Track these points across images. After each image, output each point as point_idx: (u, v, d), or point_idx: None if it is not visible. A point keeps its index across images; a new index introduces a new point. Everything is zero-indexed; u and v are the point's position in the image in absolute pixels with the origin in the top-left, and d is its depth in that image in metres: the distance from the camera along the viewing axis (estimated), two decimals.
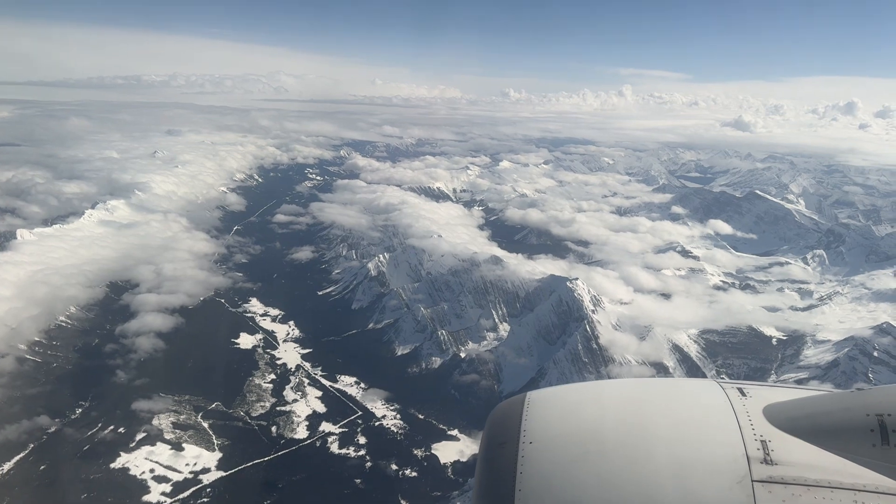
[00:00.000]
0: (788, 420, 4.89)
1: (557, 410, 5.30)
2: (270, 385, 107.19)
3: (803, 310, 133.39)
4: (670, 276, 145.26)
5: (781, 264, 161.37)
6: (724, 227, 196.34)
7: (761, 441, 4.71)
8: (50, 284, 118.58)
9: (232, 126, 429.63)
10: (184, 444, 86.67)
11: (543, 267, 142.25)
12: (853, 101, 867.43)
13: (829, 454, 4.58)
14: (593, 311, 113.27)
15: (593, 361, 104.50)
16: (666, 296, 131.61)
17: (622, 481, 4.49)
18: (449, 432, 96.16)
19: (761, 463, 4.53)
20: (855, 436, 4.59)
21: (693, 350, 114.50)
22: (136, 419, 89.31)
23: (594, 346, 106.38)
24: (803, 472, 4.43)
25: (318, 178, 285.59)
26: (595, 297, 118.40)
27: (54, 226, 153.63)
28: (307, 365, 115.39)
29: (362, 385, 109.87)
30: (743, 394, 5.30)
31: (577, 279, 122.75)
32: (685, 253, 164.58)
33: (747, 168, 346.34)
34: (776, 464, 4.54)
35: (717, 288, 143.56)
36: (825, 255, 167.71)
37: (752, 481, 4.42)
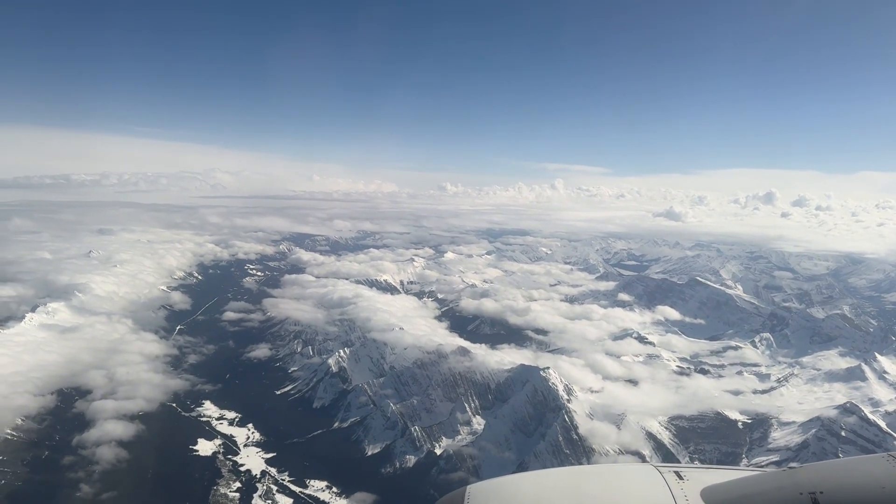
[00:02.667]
0: (726, 502, 4.94)
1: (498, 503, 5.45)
2: (237, 494, 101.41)
3: (763, 392, 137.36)
4: (631, 362, 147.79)
5: (734, 348, 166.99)
6: (673, 313, 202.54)
7: None
8: None
9: (178, 223, 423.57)
10: None
11: (510, 357, 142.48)
12: (772, 191, 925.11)
13: None
14: (568, 401, 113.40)
15: (574, 452, 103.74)
16: (633, 382, 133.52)
17: None
18: None
19: None
20: None
21: (666, 437, 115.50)
22: None
23: (574, 436, 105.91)
24: None
25: (260, 273, 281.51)
26: (567, 385, 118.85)
27: None
28: (272, 470, 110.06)
29: (334, 489, 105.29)
30: (680, 477, 5.39)
31: (548, 368, 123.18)
32: (641, 339, 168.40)
33: (678, 256, 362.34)
34: None
35: (679, 373, 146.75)
36: (772, 338, 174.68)
37: None
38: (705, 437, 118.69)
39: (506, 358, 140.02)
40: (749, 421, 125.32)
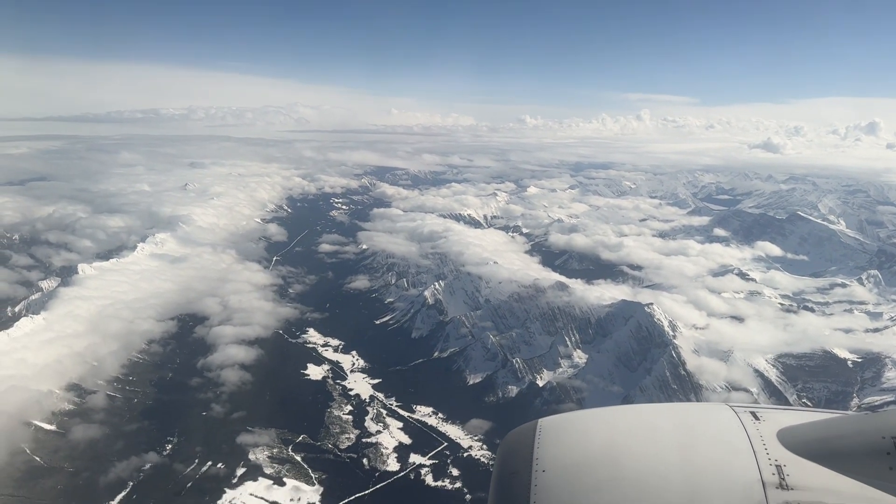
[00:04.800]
0: (803, 444, 4.75)
1: (570, 438, 5.19)
2: (350, 417, 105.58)
3: (875, 331, 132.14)
4: (734, 299, 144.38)
5: (841, 285, 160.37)
6: (774, 249, 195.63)
7: (776, 465, 4.57)
8: (122, 319, 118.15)
9: (275, 157, 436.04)
10: (284, 479, 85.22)
11: (609, 292, 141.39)
12: (875, 121, 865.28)
13: (844, 478, 4.44)
14: (674, 337, 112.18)
15: (682, 388, 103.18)
16: (739, 319, 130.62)
17: None
18: None
19: (777, 488, 4.38)
20: (870, 459, 4.47)
21: (773, 375, 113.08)
22: (234, 454, 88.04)
23: (682, 372, 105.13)
24: (819, 497, 4.28)
25: (345, 207, 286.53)
26: (672, 321, 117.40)
27: (111, 260, 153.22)
28: (380, 395, 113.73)
29: (440, 415, 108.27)
30: (756, 418, 5.16)
31: (652, 304, 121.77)
32: (743, 275, 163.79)
33: (771, 190, 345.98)
34: (792, 488, 4.39)
35: (786, 310, 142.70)
36: (880, 275, 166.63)
37: None
38: (814, 376, 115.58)
39: (605, 293, 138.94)
40: (860, 360, 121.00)
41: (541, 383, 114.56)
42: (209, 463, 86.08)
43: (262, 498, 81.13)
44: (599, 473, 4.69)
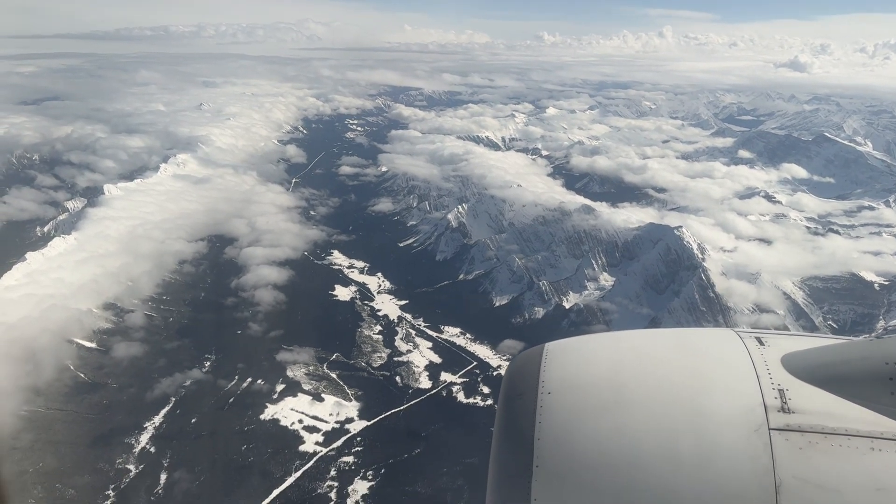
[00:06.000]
0: (806, 369, 4.77)
1: (576, 361, 5.19)
2: (380, 336, 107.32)
3: None
4: (762, 221, 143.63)
5: (869, 208, 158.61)
6: (800, 171, 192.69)
7: (779, 390, 4.62)
8: (153, 239, 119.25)
9: (292, 77, 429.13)
10: (322, 395, 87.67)
11: (636, 215, 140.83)
12: None
13: (846, 402, 4.51)
14: (703, 260, 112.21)
15: (710, 310, 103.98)
16: (767, 242, 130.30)
17: (640, 430, 4.48)
18: None
19: (778, 411, 4.45)
20: (872, 384, 4.53)
21: (799, 297, 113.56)
22: (274, 371, 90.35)
23: (711, 294, 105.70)
24: (820, 420, 4.37)
25: (360, 128, 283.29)
26: (700, 244, 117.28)
27: (135, 181, 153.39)
28: (408, 316, 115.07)
29: (468, 335, 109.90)
30: (761, 343, 5.17)
31: (681, 227, 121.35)
32: (769, 198, 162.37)
33: (794, 110, 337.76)
34: (793, 412, 4.46)
35: (814, 233, 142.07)
36: None
37: (770, 429, 4.37)
38: (840, 298, 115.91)
39: (632, 217, 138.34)
40: (887, 283, 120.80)
41: (567, 305, 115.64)
42: (249, 379, 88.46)
43: (303, 412, 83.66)
44: (604, 395, 4.74)
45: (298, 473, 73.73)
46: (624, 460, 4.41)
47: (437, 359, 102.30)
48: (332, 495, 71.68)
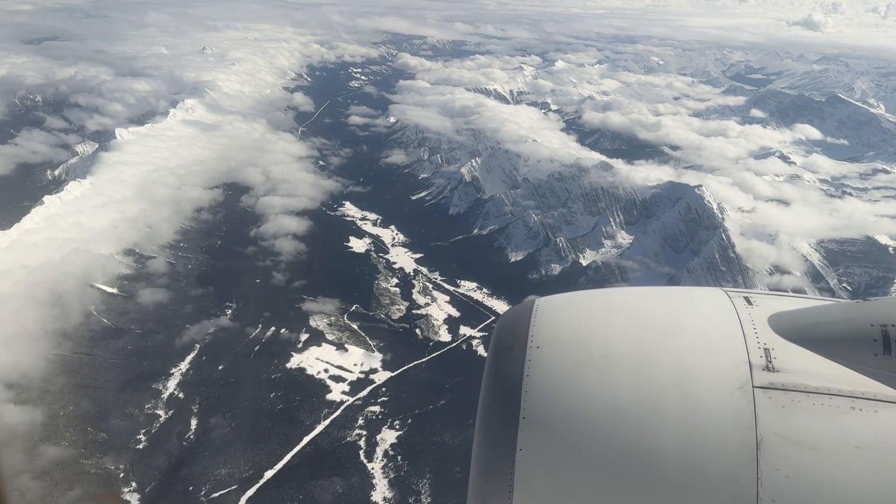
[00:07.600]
0: (792, 329, 4.85)
1: (565, 316, 5.24)
2: (398, 289, 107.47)
3: None
4: (778, 182, 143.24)
5: (885, 171, 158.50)
6: (813, 132, 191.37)
7: (764, 349, 4.71)
8: (169, 185, 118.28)
9: (301, 21, 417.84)
10: (346, 345, 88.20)
11: (654, 173, 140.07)
12: None
13: (830, 362, 4.59)
14: (723, 219, 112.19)
15: (730, 270, 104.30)
16: (784, 203, 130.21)
17: (626, 386, 4.55)
18: None
19: (763, 370, 4.55)
20: (858, 345, 4.59)
21: (815, 259, 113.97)
22: (297, 320, 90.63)
23: (731, 254, 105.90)
24: (804, 380, 4.48)
25: (363, 77, 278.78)
26: (720, 204, 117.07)
27: (146, 125, 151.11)
28: (424, 269, 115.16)
29: (485, 290, 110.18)
30: (749, 302, 5.25)
31: (701, 186, 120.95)
32: (784, 158, 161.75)
33: (802, 70, 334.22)
34: (778, 371, 4.55)
35: (831, 195, 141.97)
36: None
37: (753, 387, 4.45)
38: (855, 261, 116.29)
39: (651, 174, 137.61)
40: None
41: (584, 262, 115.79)
42: (273, 328, 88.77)
43: (328, 362, 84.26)
44: (592, 350, 4.79)
45: (328, 422, 74.49)
46: (608, 414, 4.48)
47: (455, 312, 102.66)
48: (362, 443, 72.66)
